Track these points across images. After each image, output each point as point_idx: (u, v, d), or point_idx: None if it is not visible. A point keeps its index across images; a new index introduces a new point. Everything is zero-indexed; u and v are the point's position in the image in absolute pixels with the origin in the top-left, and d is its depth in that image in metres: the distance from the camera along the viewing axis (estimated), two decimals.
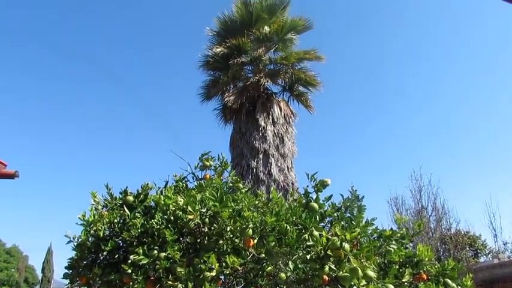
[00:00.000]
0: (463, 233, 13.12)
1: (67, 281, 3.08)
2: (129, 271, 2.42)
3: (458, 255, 12.33)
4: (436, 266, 2.94)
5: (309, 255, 2.34)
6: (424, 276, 2.82)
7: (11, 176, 6.33)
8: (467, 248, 13.13)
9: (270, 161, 11.38)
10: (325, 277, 2.60)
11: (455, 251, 12.49)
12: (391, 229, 2.75)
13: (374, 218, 2.68)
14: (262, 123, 11.80)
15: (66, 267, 2.99)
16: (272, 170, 11.21)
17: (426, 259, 2.81)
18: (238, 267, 2.43)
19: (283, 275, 2.72)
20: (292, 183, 11.35)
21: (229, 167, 3.57)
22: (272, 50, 12.93)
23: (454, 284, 2.77)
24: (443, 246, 12.99)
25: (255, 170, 11.28)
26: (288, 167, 11.76)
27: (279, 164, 11.54)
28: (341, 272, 2.30)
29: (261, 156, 11.48)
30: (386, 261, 2.78)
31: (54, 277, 37.88)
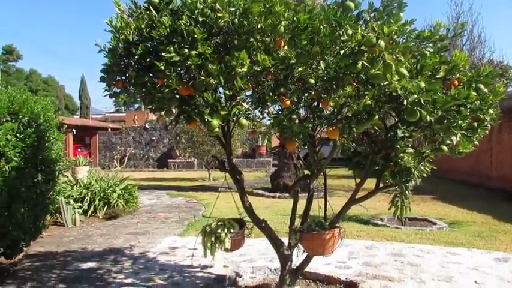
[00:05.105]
0: (495, 62, 12.67)
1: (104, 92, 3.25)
2: (162, 67, 2.47)
3: None
4: (470, 73, 2.88)
5: (342, 51, 2.29)
6: (456, 82, 2.77)
7: None
8: (497, 78, 12.88)
9: None
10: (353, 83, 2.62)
11: None
12: (430, 31, 2.61)
13: (414, 18, 2.52)
14: None
15: (101, 71, 3.08)
16: None
17: (461, 64, 2.72)
18: (270, 65, 2.43)
19: (312, 80, 2.74)
20: None
21: None
22: None
23: (486, 89, 2.74)
24: None
25: None
26: None
27: None
28: (373, 70, 2.27)
29: None
30: (419, 67, 2.71)
31: (92, 104, 40.69)
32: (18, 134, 4.07)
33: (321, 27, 2.40)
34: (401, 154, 3.11)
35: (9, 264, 4.93)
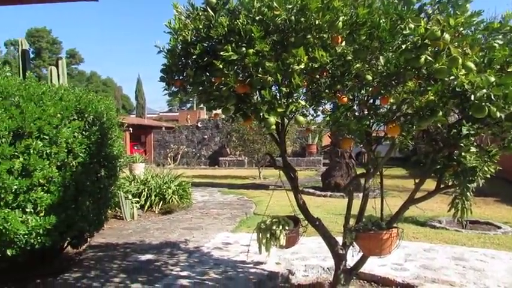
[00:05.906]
0: None
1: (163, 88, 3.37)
2: (221, 66, 2.52)
3: None
4: None
5: (404, 46, 2.22)
6: None
7: None
8: None
9: None
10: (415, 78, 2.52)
11: None
12: (500, 22, 2.45)
13: (481, 9, 2.38)
14: None
15: (161, 71, 3.20)
16: None
17: None
18: (328, 61, 2.41)
19: (369, 76, 2.67)
20: None
21: None
22: None
23: None
24: None
25: None
26: None
27: None
28: (437, 64, 2.17)
29: None
30: (486, 61, 2.56)
31: (147, 104, 42.35)
32: (84, 132, 4.33)
33: (381, 21, 2.34)
34: (464, 153, 2.96)
35: (75, 254, 5.28)
